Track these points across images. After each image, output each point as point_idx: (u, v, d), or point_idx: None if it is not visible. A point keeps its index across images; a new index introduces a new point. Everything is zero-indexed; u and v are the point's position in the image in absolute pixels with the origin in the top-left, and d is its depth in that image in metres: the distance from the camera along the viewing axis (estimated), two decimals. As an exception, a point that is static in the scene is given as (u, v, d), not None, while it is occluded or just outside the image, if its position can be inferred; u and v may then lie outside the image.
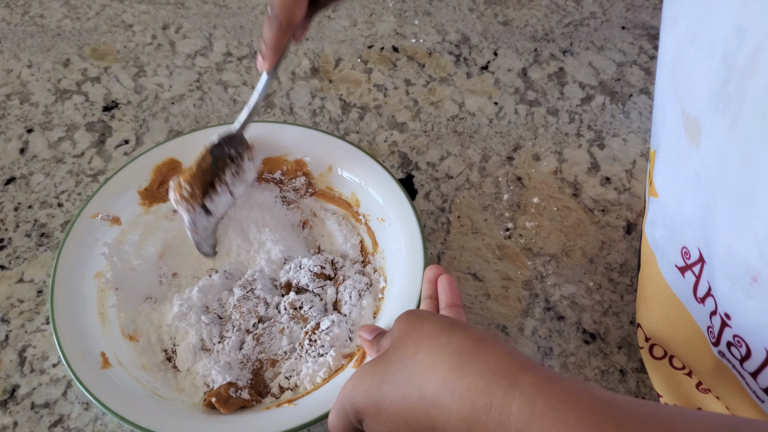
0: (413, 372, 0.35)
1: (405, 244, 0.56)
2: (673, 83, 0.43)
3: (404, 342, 0.37)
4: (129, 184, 0.61)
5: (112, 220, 0.59)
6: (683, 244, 0.44)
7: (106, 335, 0.54)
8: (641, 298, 0.53)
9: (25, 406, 0.53)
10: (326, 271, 0.58)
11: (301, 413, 0.48)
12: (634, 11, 0.87)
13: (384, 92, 0.77)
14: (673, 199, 0.45)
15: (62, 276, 0.55)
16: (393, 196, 0.59)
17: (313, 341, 0.54)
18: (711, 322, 0.42)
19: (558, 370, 0.56)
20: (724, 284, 0.39)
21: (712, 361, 0.45)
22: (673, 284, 0.47)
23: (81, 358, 0.50)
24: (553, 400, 0.30)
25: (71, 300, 0.54)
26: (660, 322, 0.50)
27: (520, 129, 0.73)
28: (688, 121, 0.41)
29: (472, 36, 0.84)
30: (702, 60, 0.39)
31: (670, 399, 0.51)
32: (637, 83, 0.78)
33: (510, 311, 0.59)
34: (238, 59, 0.80)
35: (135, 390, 0.50)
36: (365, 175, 0.61)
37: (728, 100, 0.36)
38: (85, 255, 0.57)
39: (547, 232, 0.65)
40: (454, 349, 0.35)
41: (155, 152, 0.62)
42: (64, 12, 0.85)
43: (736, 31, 0.35)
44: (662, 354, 0.52)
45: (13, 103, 0.75)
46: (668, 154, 0.45)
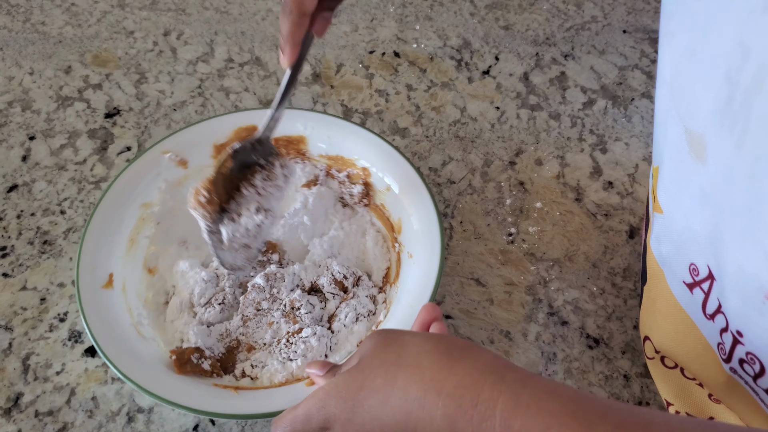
0: (396, 376, 0.35)
1: (416, 289, 0.55)
2: (673, 99, 0.43)
3: (383, 351, 0.37)
4: (207, 135, 0.64)
5: (179, 162, 0.62)
6: (691, 260, 0.44)
7: (125, 259, 0.57)
8: (649, 311, 0.53)
9: (29, 414, 0.53)
10: (346, 283, 0.58)
11: (239, 403, 0.50)
12: (635, 15, 0.87)
13: (385, 97, 0.77)
14: (679, 215, 0.45)
15: (112, 195, 0.59)
16: (429, 239, 0.57)
17: (289, 343, 0.54)
18: (722, 339, 0.42)
19: (562, 375, 0.56)
20: (736, 302, 0.38)
21: (723, 376, 0.44)
22: (681, 300, 0.47)
23: (90, 271, 0.54)
24: (537, 392, 0.32)
25: (110, 218, 0.58)
26: (669, 336, 0.50)
27: (522, 133, 0.73)
28: (692, 138, 0.41)
29: (473, 41, 0.84)
30: (703, 77, 0.38)
31: (681, 407, 0.51)
32: (638, 87, 0.78)
33: (513, 316, 0.59)
34: (239, 65, 0.80)
35: (120, 317, 0.53)
36: (415, 208, 0.60)
37: (734, 118, 0.35)
38: (142, 184, 0.60)
39: (549, 236, 0.65)
40: (442, 353, 0.35)
41: (241, 115, 0.65)
42: (66, 19, 0.85)
43: (739, 48, 0.34)
44: (674, 364, 0.52)
45: (15, 110, 0.75)
46: (672, 171, 0.45)
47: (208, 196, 0.53)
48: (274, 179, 0.55)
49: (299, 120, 0.64)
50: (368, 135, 0.64)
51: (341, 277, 0.58)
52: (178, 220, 0.61)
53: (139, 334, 0.53)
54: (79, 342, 0.57)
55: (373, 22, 0.86)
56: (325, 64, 0.80)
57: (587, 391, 0.55)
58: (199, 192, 0.53)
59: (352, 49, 0.82)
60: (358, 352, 0.40)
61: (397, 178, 0.62)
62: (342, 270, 0.58)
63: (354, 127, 0.64)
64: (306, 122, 0.64)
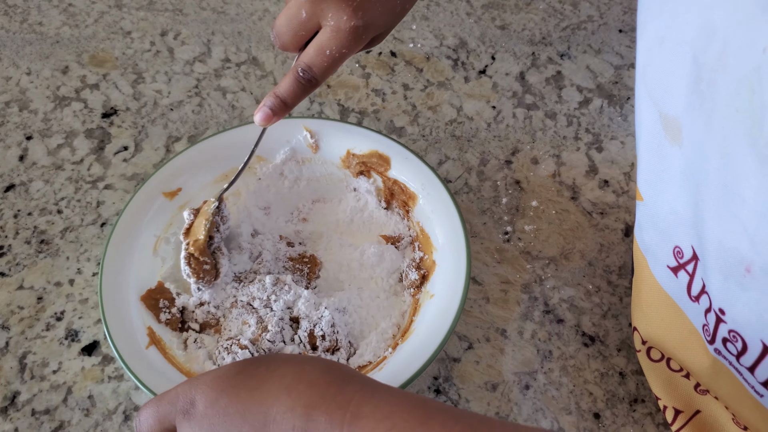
0: (277, 367, 0.39)
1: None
2: (646, 86, 0.44)
3: (262, 358, 0.41)
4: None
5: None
6: (675, 243, 0.45)
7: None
8: (636, 301, 0.53)
9: (25, 413, 0.53)
10: (318, 343, 0.55)
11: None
12: (631, 14, 0.87)
13: (382, 97, 0.77)
14: (661, 200, 0.45)
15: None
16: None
17: (225, 350, 0.54)
18: (706, 320, 0.43)
19: (558, 372, 0.56)
20: (718, 279, 0.39)
21: (709, 360, 0.45)
22: (666, 285, 0.48)
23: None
24: (387, 391, 0.37)
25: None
26: (655, 324, 0.51)
27: (519, 133, 0.74)
28: (667, 122, 0.42)
29: (469, 40, 0.84)
30: (673, 61, 0.39)
31: (669, 401, 0.52)
32: (634, 86, 0.78)
33: (509, 314, 0.59)
34: (236, 65, 0.80)
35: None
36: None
37: (702, 97, 0.36)
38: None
39: (545, 235, 0.65)
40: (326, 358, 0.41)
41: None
42: (63, 19, 0.85)
43: (705, 30, 0.36)
44: (660, 356, 0.52)
45: (12, 110, 0.75)
46: (650, 157, 0.45)
47: (210, 262, 0.57)
48: (225, 219, 0.60)
49: (421, 178, 0.61)
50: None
51: (319, 334, 0.55)
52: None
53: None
54: (76, 341, 0.57)
55: (369, 22, 0.86)
56: (322, 64, 0.80)
57: (583, 389, 0.55)
58: (199, 261, 0.56)
59: (349, 48, 0.82)
60: (193, 390, 0.41)
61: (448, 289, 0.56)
62: (327, 329, 0.55)
63: (460, 228, 0.58)
64: (425, 184, 0.61)
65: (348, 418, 0.35)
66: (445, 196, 0.59)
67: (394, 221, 0.63)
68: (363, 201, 0.65)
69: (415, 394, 0.37)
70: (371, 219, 0.64)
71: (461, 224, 0.57)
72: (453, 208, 0.58)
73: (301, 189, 0.66)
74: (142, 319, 0.54)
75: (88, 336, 0.58)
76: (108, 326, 0.52)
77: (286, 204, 0.65)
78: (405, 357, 0.51)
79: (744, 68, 0.33)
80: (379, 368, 0.52)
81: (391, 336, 0.56)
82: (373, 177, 0.65)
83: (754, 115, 0.32)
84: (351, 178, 0.65)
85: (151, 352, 0.52)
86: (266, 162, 0.65)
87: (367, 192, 0.65)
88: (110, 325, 0.52)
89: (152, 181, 0.61)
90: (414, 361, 0.50)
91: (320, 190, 0.66)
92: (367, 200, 0.65)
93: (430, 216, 0.60)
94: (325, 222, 0.65)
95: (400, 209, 0.63)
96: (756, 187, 0.34)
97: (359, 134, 0.64)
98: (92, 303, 0.59)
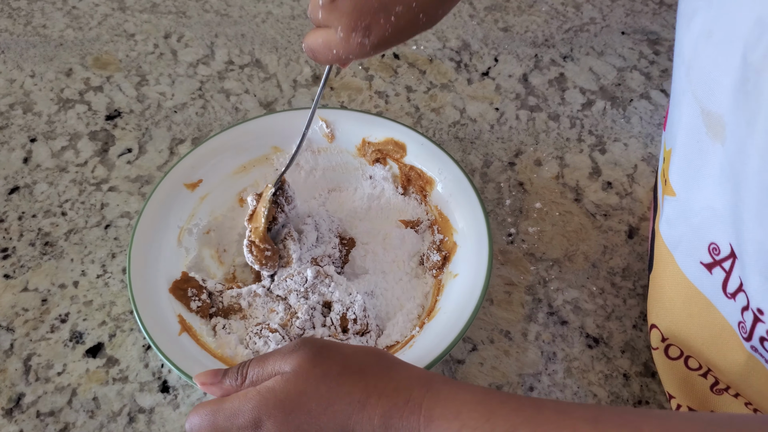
0: (340, 382, 0.40)
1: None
2: (690, 81, 0.43)
3: (324, 362, 0.41)
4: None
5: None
6: (711, 240, 0.44)
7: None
8: (655, 298, 0.53)
9: (30, 415, 0.53)
10: (350, 326, 0.56)
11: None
12: (633, 16, 0.87)
13: (385, 99, 0.77)
14: (697, 195, 0.45)
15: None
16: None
17: (256, 335, 0.55)
18: (743, 318, 0.42)
19: (562, 374, 0.56)
20: (757, 279, 0.39)
21: (743, 356, 0.44)
22: (697, 281, 0.47)
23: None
24: (454, 388, 0.39)
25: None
26: (681, 320, 0.50)
27: (522, 134, 0.74)
28: (710, 119, 0.41)
29: (472, 42, 0.84)
30: (720, 57, 0.38)
31: (683, 400, 0.51)
32: (637, 88, 0.78)
33: (513, 316, 0.59)
34: (239, 67, 0.80)
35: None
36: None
37: (747, 97, 0.36)
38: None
39: (549, 237, 0.65)
40: (382, 364, 0.41)
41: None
42: (67, 22, 0.85)
43: (756, 26, 0.35)
44: (678, 354, 0.52)
45: (17, 112, 0.75)
46: (687, 152, 0.45)
47: (271, 248, 0.58)
48: (291, 201, 0.61)
49: (437, 163, 0.62)
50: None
51: (351, 318, 0.56)
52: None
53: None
54: (81, 343, 0.57)
55: (372, 24, 0.86)
56: (325, 66, 0.81)
57: (588, 391, 0.55)
58: (261, 248, 0.57)
59: (352, 51, 0.82)
60: (282, 358, 0.42)
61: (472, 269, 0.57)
62: (359, 313, 0.56)
63: (479, 209, 0.59)
64: (441, 168, 0.62)
65: (423, 422, 0.37)
66: (462, 179, 0.60)
67: (411, 206, 0.64)
68: (379, 188, 0.66)
69: (477, 387, 0.39)
70: (389, 205, 0.65)
71: (480, 205, 0.58)
72: (471, 189, 0.59)
73: (317, 179, 0.67)
74: (172, 307, 0.55)
75: (93, 338, 0.58)
76: (140, 316, 0.52)
77: (303, 194, 0.66)
78: (433, 335, 0.52)
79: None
80: (409, 346, 0.53)
81: (416, 316, 0.57)
82: (388, 164, 0.65)
83: None
84: (367, 166, 0.66)
85: (184, 339, 0.53)
86: (282, 152, 0.66)
87: (383, 179, 0.66)
88: (142, 314, 0.52)
89: (174, 173, 0.61)
90: (443, 338, 0.51)
91: (336, 179, 0.67)
92: (383, 187, 0.66)
93: (448, 199, 0.61)
94: (342, 210, 0.65)
95: (418, 194, 0.64)
96: None
97: (374, 122, 0.65)
98: (96, 305, 0.60)
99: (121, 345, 0.57)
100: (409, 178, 0.64)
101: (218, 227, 0.63)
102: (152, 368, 0.56)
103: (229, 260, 0.62)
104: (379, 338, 0.57)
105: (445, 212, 0.61)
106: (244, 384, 0.43)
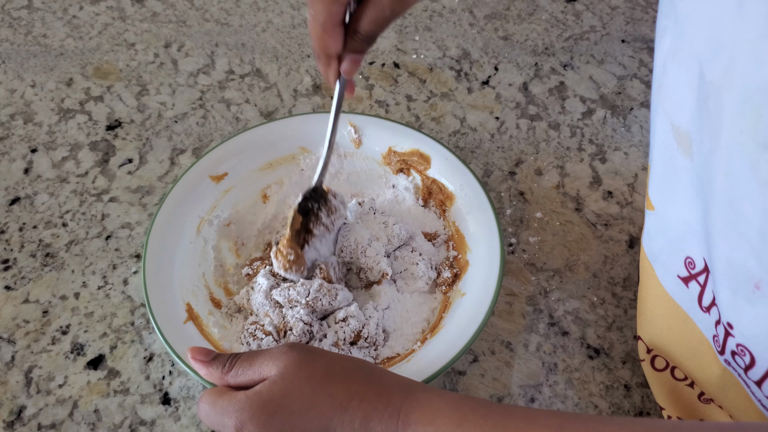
0: (324, 385, 0.41)
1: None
2: (660, 97, 0.44)
3: (309, 366, 0.43)
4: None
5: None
6: (687, 254, 0.45)
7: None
8: (641, 310, 0.53)
9: (31, 427, 0.53)
10: (363, 338, 0.56)
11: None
12: (633, 24, 0.88)
13: (385, 108, 0.77)
14: (672, 210, 0.45)
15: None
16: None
17: (254, 323, 0.56)
18: (716, 331, 0.43)
19: (563, 385, 0.56)
20: (726, 294, 0.39)
21: (719, 369, 0.45)
22: (675, 295, 0.48)
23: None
24: (431, 396, 0.41)
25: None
26: (662, 333, 0.51)
27: (522, 143, 0.74)
28: (679, 134, 0.42)
29: (472, 51, 0.84)
30: (683, 75, 0.39)
31: (672, 411, 0.52)
32: (637, 96, 0.79)
33: (514, 327, 0.59)
34: (240, 77, 0.80)
35: None
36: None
37: (709, 115, 0.36)
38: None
39: (550, 246, 0.65)
40: (365, 370, 0.43)
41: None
42: (67, 32, 0.86)
43: (712, 44, 0.35)
44: (664, 365, 0.52)
45: (17, 123, 0.75)
46: (662, 167, 0.45)
47: (294, 253, 0.57)
48: (334, 211, 0.60)
49: (460, 179, 0.62)
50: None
51: (365, 335, 0.56)
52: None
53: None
54: (82, 355, 0.57)
55: (372, 33, 0.86)
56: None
57: (588, 402, 0.55)
58: (284, 253, 0.57)
59: (352, 60, 0.83)
60: (270, 360, 0.44)
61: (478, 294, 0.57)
62: (372, 331, 0.56)
63: (495, 231, 0.58)
64: (463, 185, 0.62)
65: (400, 426, 0.39)
66: (483, 199, 0.60)
67: (430, 218, 0.65)
68: (401, 197, 0.66)
69: (453, 394, 0.41)
70: (408, 213, 0.65)
71: (497, 227, 0.58)
72: (490, 210, 0.59)
73: (341, 182, 0.68)
74: (182, 295, 0.56)
75: (94, 350, 0.58)
76: (149, 300, 0.53)
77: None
78: (434, 352, 0.53)
79: (750, 89, 0.33)
80: (407, 360, 0.53)
81: (420, 331, 0.58)
82: (412, 175, 0.66)
83: (758, 138, 0.32)
84: (390, 174, 0.67)
85: (189, 327, 0.54)
86: (310, 153, 0.67)
87: (405, 189, 0.66)
88: (151, 299, 0.53)
89: (200, 164, 0.62)
90: (442, 356, 0.52)
91: (360, 184, 0.68)
92: (405, 197, 0.66)
93: (467, 217, 0.61)
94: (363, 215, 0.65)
95: (437, 208, 0.65)
96: (760, 208, 0.34)
97: (402, 132, 0.66)
98: (98, 316, 0.60)
99: (122, 357, 0.57)
100: (430, 190, 0.65)
101: (239, 220, 0.64)
102: (153, 380, 0.56)
103: (246, 254, 0.63)
104: (379, 349, 0.57)
105: (461, 229, 0.61)
106: (229, 374, 0.45)
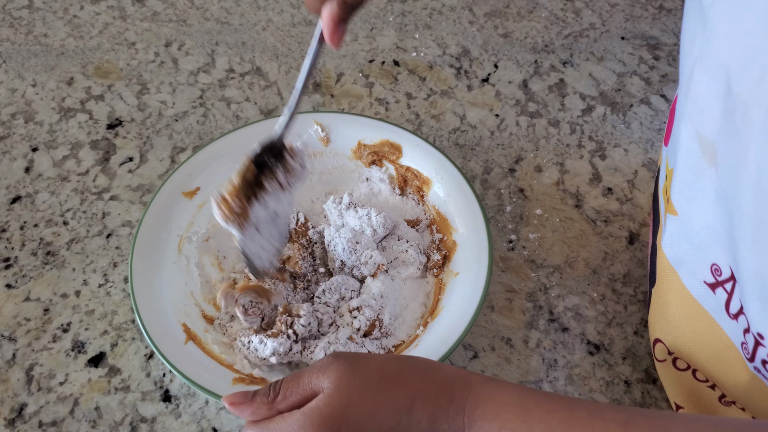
0: (382, 390, 0.40)
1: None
2: (686, 103, 0.42)
3: (362, 373, 0.41)
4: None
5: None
6: (713, 260, 0.44)
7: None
8: (660, 313, 0.52)
9: (32, 425, 0.53)
10: (381, 332, 0.56)
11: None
12: (633, 21, 0.88)
13: (386, 106, 0.77)
14: (696, 216, 0.44)
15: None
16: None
17: (247, 338, 0.55)
18: (745, 339, 0.42)
19: (563, 381, 0.56)
20: (756, 305, 0.38)
21: (747, 375, 0.44)
22: (702, 299, 0.46)
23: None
24: (492, 389, 0.40)
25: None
26: (686, 337, 0.49)
27: (522, 141, 0.74)
28: (704, 143, 0.40)
29: (472, 49, 0.84)
30: (709, 84, 0.38)
31: (691, 410, 0.51)
32: (637, 93, 0.79)
33: (514, 323, 0.59)
34: (240, 75, 0.81)
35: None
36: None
37: (737, 129, 0.35)
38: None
39: (550, 243, 0.65)
40: (419, 368, 0.42)
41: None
42: (68, 31, 0.86)
43: (741, 55, 0.34)
44: (686, 366, 0.51)
45: (18, 122, 0.75)
46: (686, 173, 0.44)
47: (240, 204, 0.52)
48: (292, 171, 0.56)
49: (434, 163, 0.63)
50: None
51: (385, 320, 0.56)
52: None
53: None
54: (82, 352, 0.57)
55: (372, 31, 0.86)
56: (326, 74, 0.81)
57: (589, 397, 0.55)
58: (228, 201, 0.52)
59: (352, 58, 0.83)
60: (318, 374, 0.41)
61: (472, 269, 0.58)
62: (387, 322, 0.56)
63: (477, 207, 0.60)
64: (438, 169, 0.63)
65: (466, 423, 0.39)
66: (459, 179, 0.61)
67: (410, 206, 0.65)
68: (377, 189, 0.66)
69: (513, 386, 0.41)
70: (387, 204, 0.65)
71: (478, 203, 0.59)
72: (468, 189, 0.60)
73: (313, 183, 0.67)
74: (176, 316, 0.56)
75: (95, 347, 0.58)
76: (145, 327, 0.53)
77: (299, 198, 0.66)
78: (438, 333, 0.53)
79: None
80: (415, 345, 0.54)
81: (419, 315, 0.58)
82: (385, 166, 0.66)
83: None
84: (363, 168, 0.67)
85: (190, 347, 0.54)
86: None
87: (380, 180, 0.66)
88: (147, 326, 0.53)
89: (171, 182, 0.62)
90: (449, 335, 0.52)
91: (333, 182, 0.68)
92: (380, 188, 0.66)
93: (446, 199, 0.62)
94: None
95: (415, 194, 0.65)
96: None
97: (369, 125, 0.66)
98: (98, 314, 0.60)
99: (122, 354, 0.57)
100: (405, 178, 0.65)
101: (217, 234, 0.63)
102: (154, 377, 0.56)
103: (229, 267, 0.62)
104: (387, 339, 0.57)
105: (443, 212, 0.62)
106: (277, 399, 0.42)
